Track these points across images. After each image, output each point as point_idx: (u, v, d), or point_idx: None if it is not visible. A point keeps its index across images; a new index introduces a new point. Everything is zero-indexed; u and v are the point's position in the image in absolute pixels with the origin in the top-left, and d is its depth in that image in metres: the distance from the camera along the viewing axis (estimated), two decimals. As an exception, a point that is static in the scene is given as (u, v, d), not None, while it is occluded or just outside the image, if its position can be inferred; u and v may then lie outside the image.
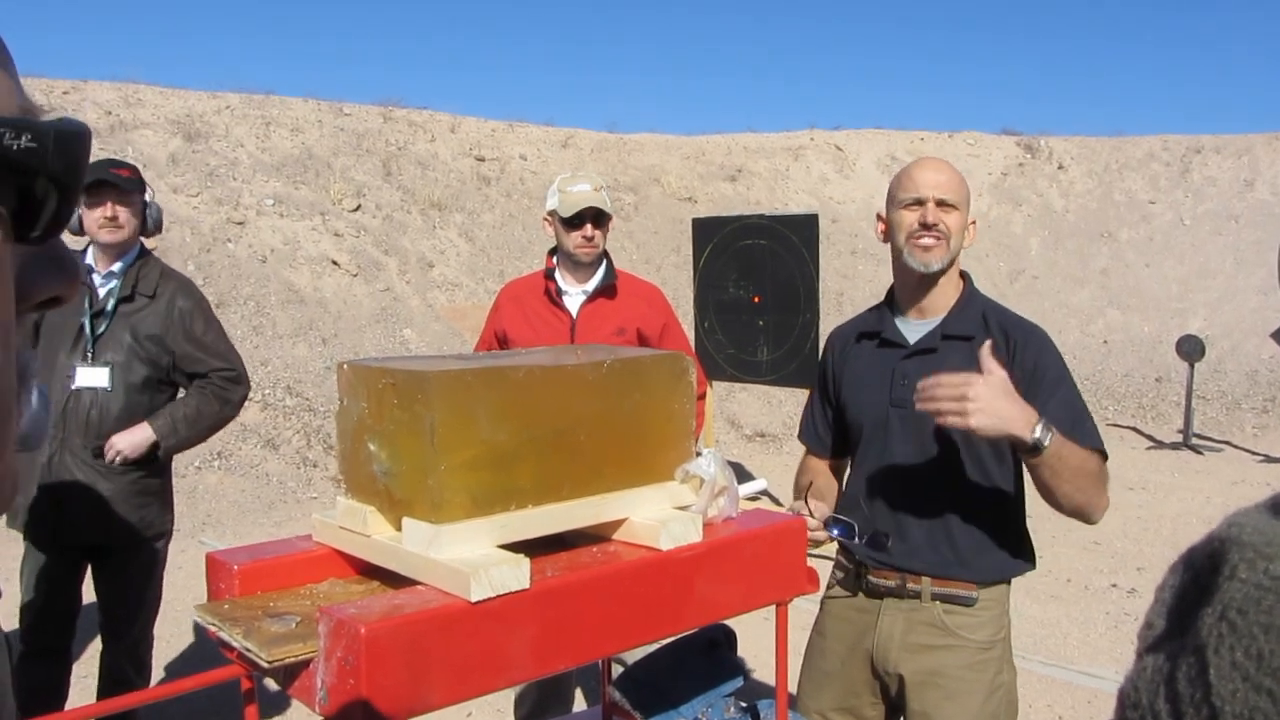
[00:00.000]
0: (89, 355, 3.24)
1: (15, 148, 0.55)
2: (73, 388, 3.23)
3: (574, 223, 3.21)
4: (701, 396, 3.30)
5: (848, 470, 2.49)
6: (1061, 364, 2.25)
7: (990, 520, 2.21)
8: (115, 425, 3.25)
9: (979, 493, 2.23)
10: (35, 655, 3.32)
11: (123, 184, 3.22)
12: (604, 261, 3.33)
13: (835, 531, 2.20)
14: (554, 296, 3.28)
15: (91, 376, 3.24)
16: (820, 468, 2.56)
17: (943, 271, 2.29)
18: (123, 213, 3.25)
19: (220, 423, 3.44)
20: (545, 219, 3.32)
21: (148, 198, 3.39)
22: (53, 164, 0.56)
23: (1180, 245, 15.83)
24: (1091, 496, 2.14)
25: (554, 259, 3.33)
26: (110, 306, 3.27)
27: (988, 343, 2.03)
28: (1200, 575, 0.47)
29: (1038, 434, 1.96)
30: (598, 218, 3.22)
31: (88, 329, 3.24)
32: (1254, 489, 8.36)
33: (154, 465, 3.36)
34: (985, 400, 1.90)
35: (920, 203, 2.25)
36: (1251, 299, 14.43)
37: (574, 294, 3.29)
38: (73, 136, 0.56)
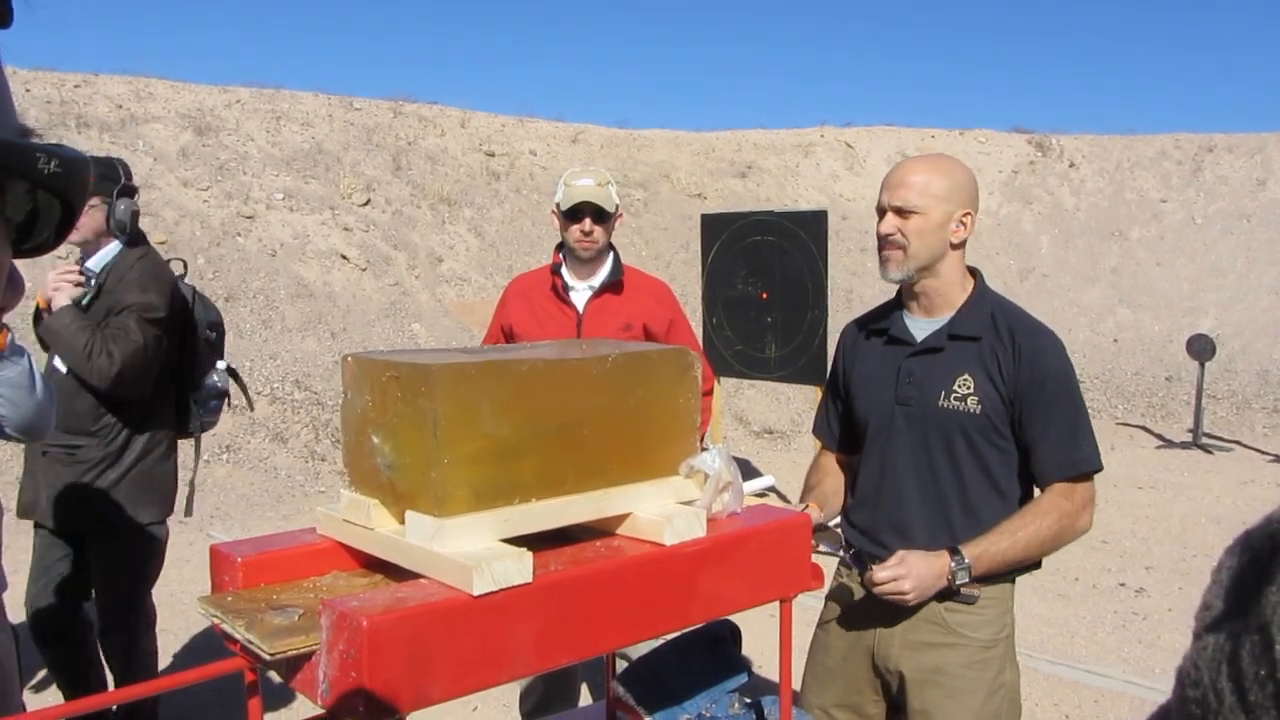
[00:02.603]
0: None
1: (46, 171, 0.59)
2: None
3: (573, 217, 3.20)
4: (708, 393, 3.29)
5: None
6: (1068, 373, 2.22)
7: (993, 518, 2.20)
8: (67, 416, 3.20)
9: (982, 490, 2.22)
10: (41, 638, 3.45)
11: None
12: (611, 257, 3.32)
13: (822, 547, 2.26)
14: (560, 292, 3.27)
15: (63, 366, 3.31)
16: (831, 464, 2.57)
17: (912, 279, 2.28)
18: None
19: (74, 348, 3.17)
20: (552, 212, 3.32)
21: (123, 204, 3.33)
22: (70, 188, 0.60)
23: (1191, 244, 15.77)
24: (1053, 548, 2.22)
25: (561, 254, 3.33)
26: (85, 303, 3.30)
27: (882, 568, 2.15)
28: (1260, 556, 0.47)
29: (957, 579, 2.14)
30: (598, 214, 3.21)
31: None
32: (1264, 489, 8.32)
33: (107, 453, 3.35)
34: (918, 589, 2.12)
35: (883, 211, 2.29)
36: (1263, 298, 14.37)
37: (580, 289, 3.28)
38: (84, 164, 0.61)
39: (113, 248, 3.39)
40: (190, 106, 12.04)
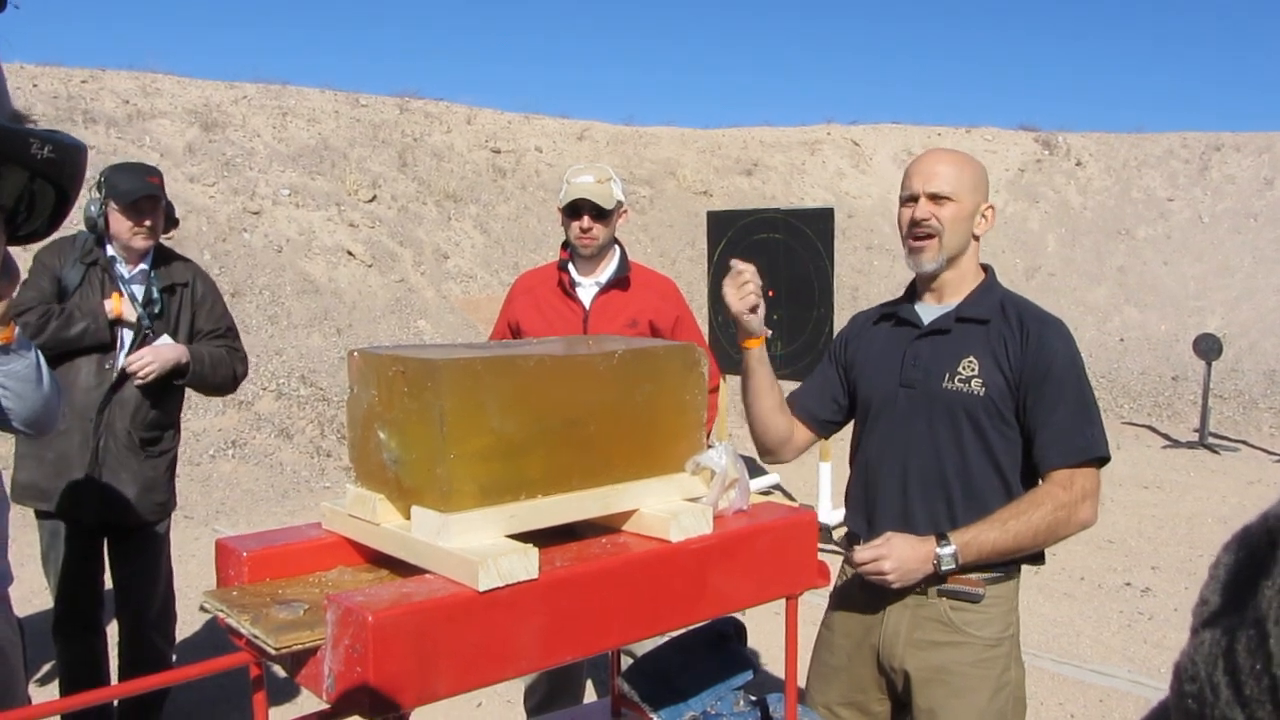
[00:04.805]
0: (148, 344, 3.39)
1: (39, 157, 0.59)
2: (118, 373, 3.36)
3: (572, 214, 3.20)
4: (715, 390, 3.28)
5: (853, 448, 2.47)
6: (1075, 362, 2.21)
7: (997, 504, 2.18)
8: (160, 410, 3.46)
9: (986, 476, 2.21)
10: (75, 631, 3.48)
11: (159, 194, 3.37)
12: (617, 254, 3.31)
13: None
14: (567, 288, 3.27)
15: None
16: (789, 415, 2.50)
17: (940, 270, 2.26)
18: (158, 220, 3.41)
19: (223, 382, 3.58)
20: (558, 208, 3.32)
21: (168, 204, 3.53)
22: (64, 175, 0.60)
23: (1198, 243, 15.73)
24: (1049, 540, 2.17)
25: (568, 250, 3.32)
26: (157, 295, 3.42)
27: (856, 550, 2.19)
28: (1256, 552, 0.47)
29: (943, 565, 2.12)
30: (596, 211, 3.19)
31: (142, 314, 3.38)
32: (1270, 489, 8.29)
33: (174, 445, 3.56)
34: (898, 571, 2.12)
35: (914, 199, 2.23)
36: (1270, 298, 14.32)
37: (587, 286, 3.28)
38: (79, 151, 0.61)
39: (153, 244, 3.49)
40: (197, 102, 12.05)
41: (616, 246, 3.32)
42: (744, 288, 2.23)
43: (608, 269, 3.28)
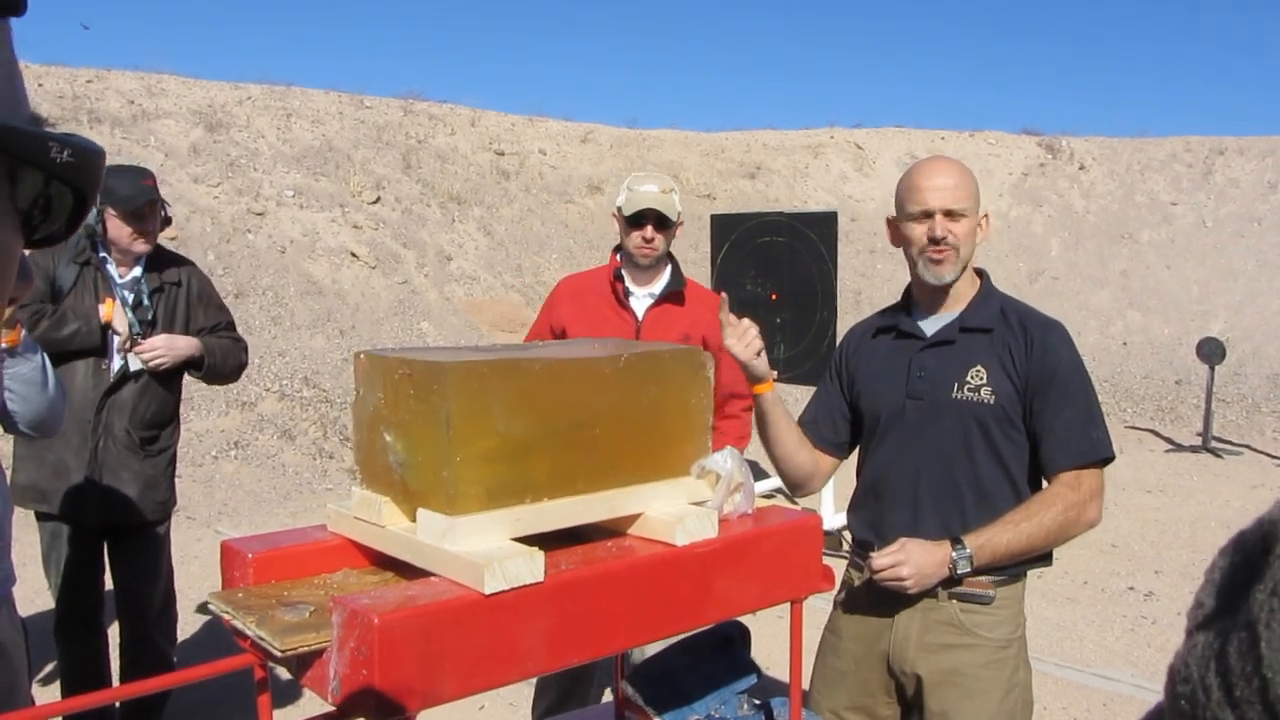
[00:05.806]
0: (139, 344, 3.37)
1: (59, 160, 0.59)
2: (115, 375, 3.36)
3: (635, 222, 3.15)
4: (749, 409, 3.22)
5: (858, 461, 2.47)
6: (1078, 364, 2.24)
7: (1009, 509, 2.20)
8: (157, 409, 3.46)
9: (998, 481, 2.22)
10: (76, 632, 3.49)
11: (157, 197, 3.39)
12: (670, 266, 3.26)
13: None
14: (620, 297, 3.21)
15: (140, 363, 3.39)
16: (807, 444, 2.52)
17: (956, 280, 2.29)
18: (156, 224, 3.42)
19: (233, 371, 3.64)
20: (613, 215, 3.28)
21: (165, 205, 3.54)
22: (82, 178, 0.60)
23: (1202, 247, 15.72)
24: (1059, 540, 2.19)
25: (619, 257, 3.28)
26: (146, 299, 3.41)
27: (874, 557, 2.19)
28: (1251, 556, 0.48)
29: (959, 568, 2.14)
30: (660, 221, 3.13)
31: (133, 321, 3.36)
32: (1273, 493, 8.28)
33: (173, 443, 3.57)
34: (916, 575, 2.13)
35: (928, 215, 2.24)
36: (1274, 302, 14.32)
37: (640, 296, 3.22)
38: (97, 155, 0.61)
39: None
40: (201, 103, 12.07)
41: (670, 258, 3.28)
42: (746, 334, 2.27)
43: (661, 280, 3.23)
